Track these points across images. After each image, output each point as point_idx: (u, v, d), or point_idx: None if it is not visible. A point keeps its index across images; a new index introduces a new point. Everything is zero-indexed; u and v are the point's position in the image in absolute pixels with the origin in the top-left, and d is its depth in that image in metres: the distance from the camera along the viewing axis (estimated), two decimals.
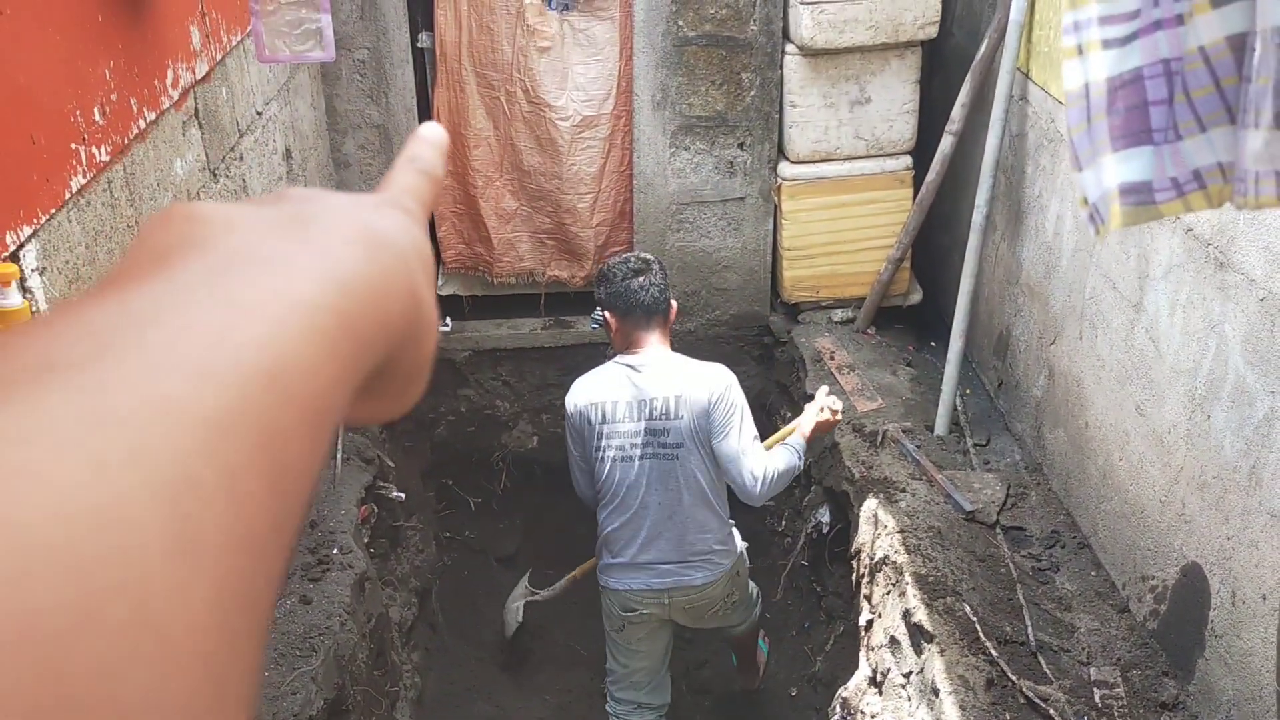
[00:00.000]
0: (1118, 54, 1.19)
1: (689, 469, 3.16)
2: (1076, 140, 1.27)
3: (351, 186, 4.01)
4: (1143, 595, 2.82)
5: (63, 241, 1.85)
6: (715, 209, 4.20)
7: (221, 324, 0.28)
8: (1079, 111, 1.25)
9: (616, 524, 3.25)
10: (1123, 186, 1.23)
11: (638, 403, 3.17)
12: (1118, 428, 2.94)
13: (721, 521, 3.27)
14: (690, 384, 3.14)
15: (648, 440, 3.17)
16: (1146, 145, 1.20)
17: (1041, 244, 3.41)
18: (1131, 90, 1.19)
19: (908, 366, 4.10)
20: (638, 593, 3.27)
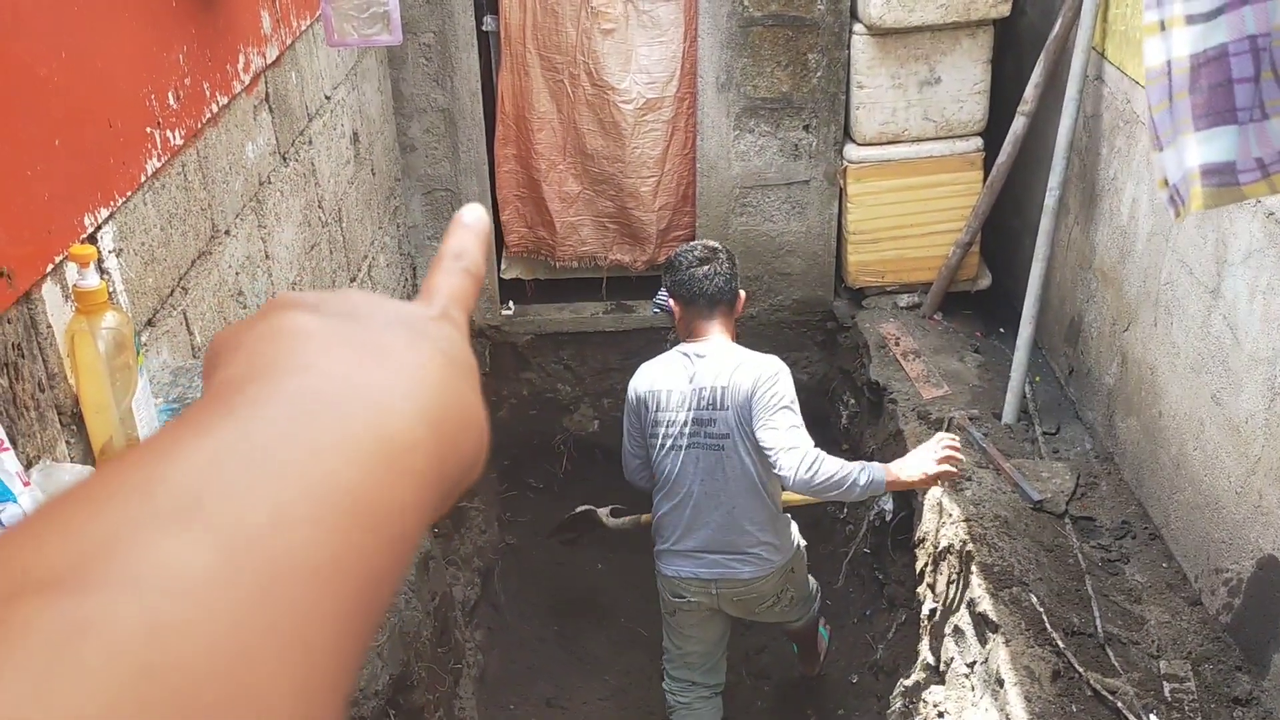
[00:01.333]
0: (1202, 30, 1.15)
1: (736, 459, 3.14)
2: (1157, 119, 1.23)
3: (417, 170, 4.04)
4: (1216, 588, 2.75)
5: (138, 224, 1.89)
6: (779, 192, 4.17)
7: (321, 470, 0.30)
8: (1160, 89, 1.21)
9: (666, 509, 3.27)
10: (1205, 167, 1.19)
11: (689, 392, 3.17)
12: (1193, 416, 2.86)
13: (772, 515, 3.21)
14: (737, 374, 3.10)
15: (695, 430, 3.17)
16: (1231, 124, 1.16)
17: (1116, 228, 3.33)
18: (1216, 67, 1.15)
19: (975, 353, 4.03)
20: (685, 580, 3.26)
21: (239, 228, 2.35)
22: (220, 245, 2.24)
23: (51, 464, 1.55)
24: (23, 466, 1.38)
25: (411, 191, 4.05)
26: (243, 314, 2.34)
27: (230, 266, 2.29)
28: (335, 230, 3.06)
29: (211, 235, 2.21)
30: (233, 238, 2.31)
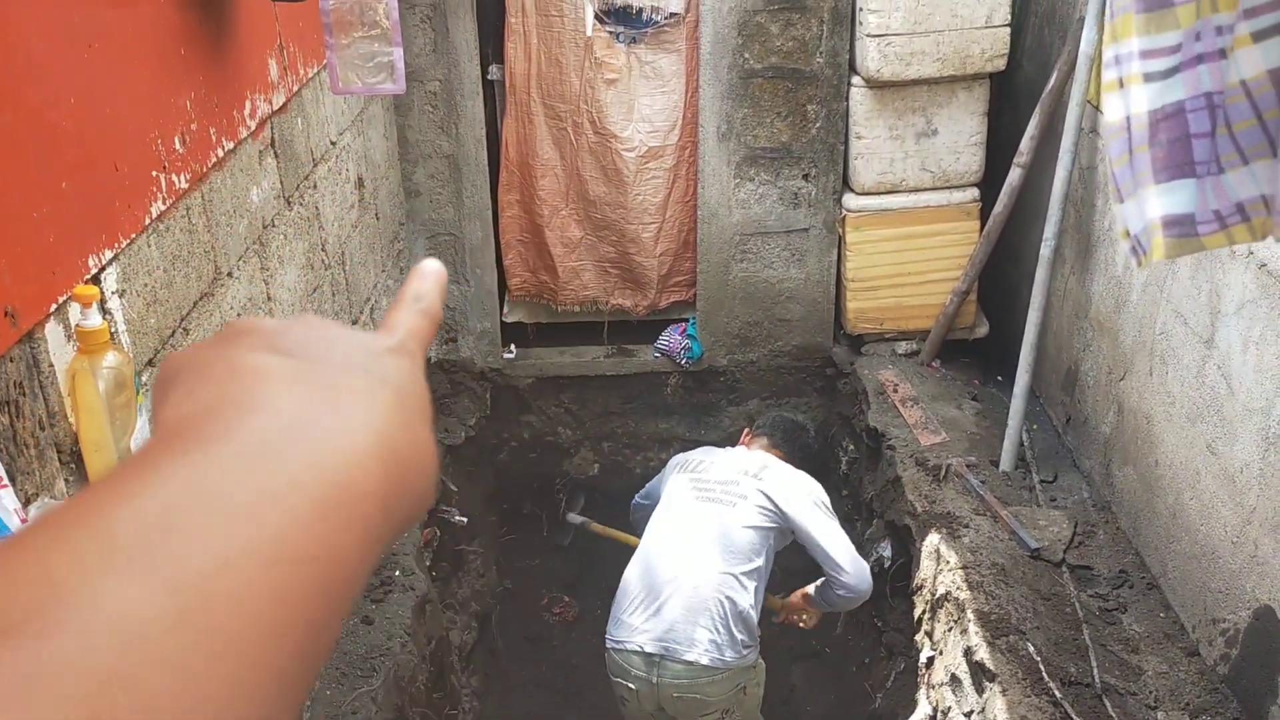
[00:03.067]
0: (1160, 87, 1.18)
1: (738, 521, 3.22)
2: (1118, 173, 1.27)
3: (421, 214, 4.09)
4: (1213, 638, 2.74)
5: (142, 265, 1.92)
6: (779, 240, 4.21)
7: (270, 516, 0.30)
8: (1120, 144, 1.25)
9: (636, 565, 3.26)
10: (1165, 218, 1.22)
11: (727, 462, 3.46)
12: (1188, 466, 2.87)
13: (742, 612, 3.11)
14: (785, 468, 3.44)
15: (715, 486, 3.35)
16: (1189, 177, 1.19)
17: (1111, 278, 3.36)
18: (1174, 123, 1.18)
19: (973, 400, 4.05)
20: (629, 655, 3.12)
21: (242, 270, 2.38)
22: (222, 287, 2.28)
23: (50, 501, 1.57)
24: (20, 504, 1.40)
25: (415, 235, 4.10)
26: None
27: (232, 308, 2.32)
28: (338, 273, 3.10)
29: (214, 277, 2.24)
30: (235, 279, 2.34)
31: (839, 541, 3.24)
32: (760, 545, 3.21)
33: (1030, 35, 4.05)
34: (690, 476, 3.43)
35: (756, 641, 3.21)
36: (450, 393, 4.27)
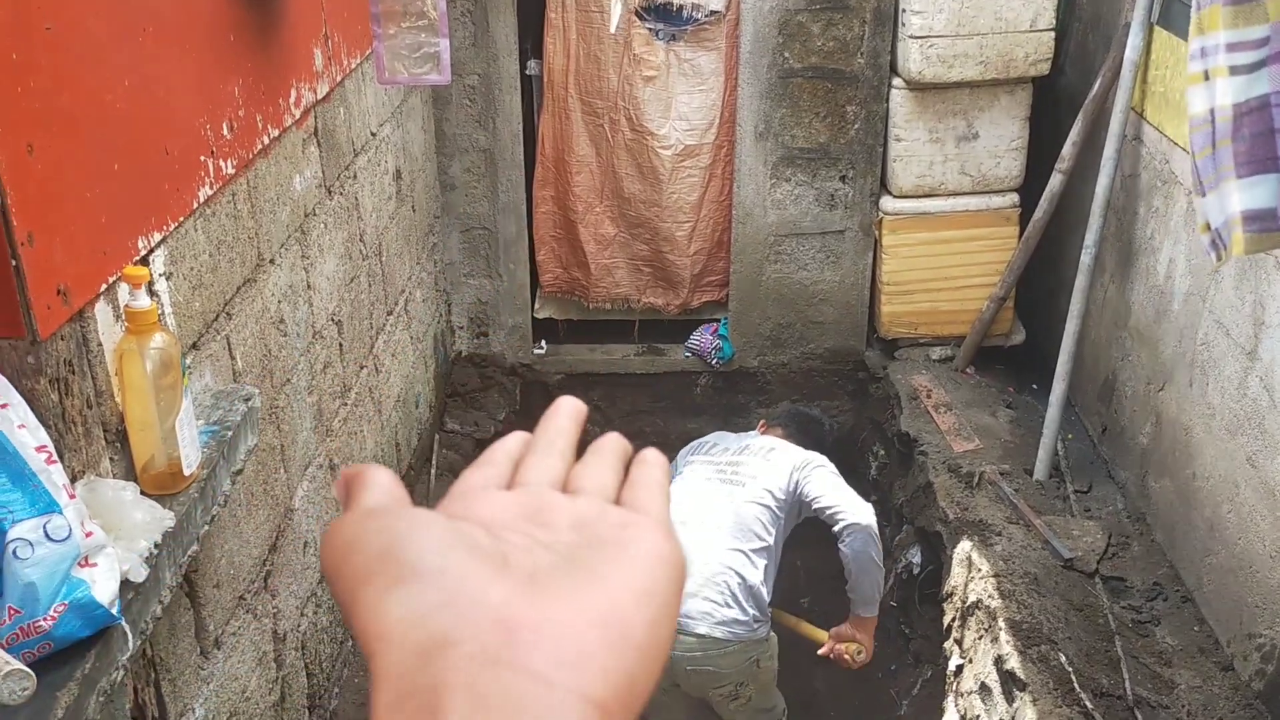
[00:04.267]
0: (1245, 80, 1.16)
1: (747, 499, 3.24)
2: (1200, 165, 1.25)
3: (456, 208, 4.10)
4: (1249, 654, 2.70)
5: (189, 249, 1.93)
6: (814, 241, 4.19)
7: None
8: (1203, 136, 1.23)
9: None
10: (1246, 213, 1.20)
11: (735, 445, 3.49)
12: (1227, 479, 2.83)
13: (752, 587, 3.14)
14: (791, 447, 3.43)
15: (724, 467, 3.38)
16: (1272, 172, 1.17)
17: (1152, 287, 3.32)
18: (1258, 117, 1.16)
19: (1007, 408, 4.02)
20: None
21: (283, 257, 2.39)
22: (265, 273, 2.29)
23: (95, 479, 1.58)
24: (69, 480, 1.41)
25: (450, 229, 4.11)
26: (283, 341, 2.38)
27: (273, 294, 2.33)
28: (375, 264, 3.11)
29: (257, 263, 2.25)
30: (277, 266, 2.35)
31: (839, 486, 3.24)
32: (770, 523, 3.21)
33: (1074, 40, 4.01)
34: (703, 458, 3.47)
35: (767, 617, 3.23)
36: (480, 386, 4.28)
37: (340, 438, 2.80)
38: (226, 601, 2.07)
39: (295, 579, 2.46)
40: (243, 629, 2.16)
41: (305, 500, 2.52)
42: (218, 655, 2.04)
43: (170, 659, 1.85)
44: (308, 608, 2.54)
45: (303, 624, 2.51)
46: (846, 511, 3.13)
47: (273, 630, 2.32)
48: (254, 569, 2.21)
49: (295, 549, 2.46)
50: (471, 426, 4.11)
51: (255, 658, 2.22)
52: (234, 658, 2.11)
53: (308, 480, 2.55)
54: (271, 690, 2.31)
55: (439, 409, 4.00)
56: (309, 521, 2.55)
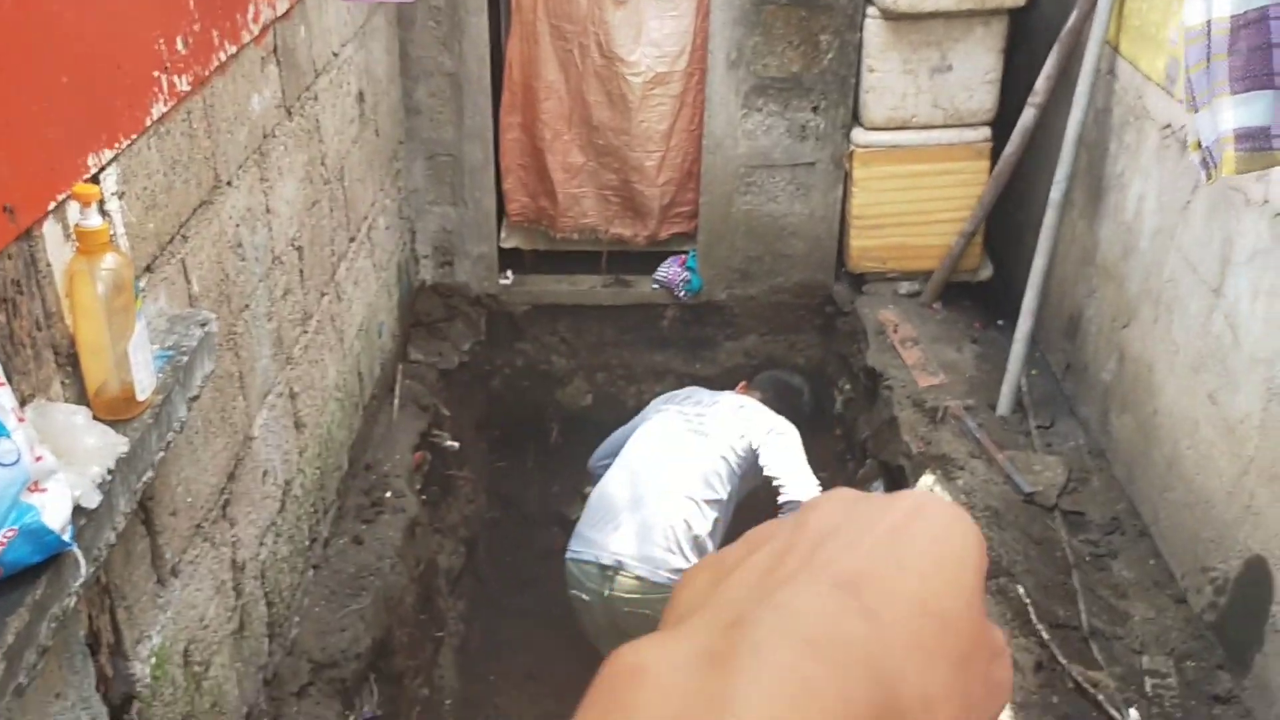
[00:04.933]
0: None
1: (708, 452, 3.29)
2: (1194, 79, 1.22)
3: (421, 133, 4.00)
4: (1202, 587, 2.76)
5: (142, 168, 1.87)
6: (784, 173, 4.15)
7: None
8: (1199, 49, 1.19)
9: (611, 472, 3.37)
10: (1239, 131, 1.18)
11: (705, 399, 3.54)
12: (1188, 416, 2.86)
13: (695, 534, 3.20)
14: (760, 409, 3.48)
15: (691, 418, 3.43)
16: (1268, 89, 1.15)
17: (1120, 224, 3.32)
18: (1256, 30, 1.13)
19: (973, 344, 4.03)
20: (585, 566, 3.23)
21: (241, 179, 2.32)
22: (222, 195, 2.22)
23: (46, 403, 1.53)
24: (18, 403, 1.36)
25: (414, 155, 4.02)
26: (241, 266, 2.32)
27: (231, 218, 2.26)
28: (337, 188, 3.03)
29: (214, 185, 2.18)
30: (234, 189, 2.28)
31: (794, 459, 3.33)
32: (728, 478, 3.28)
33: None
34: (673, 407, 3.52)
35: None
36: (445, 316, 4.23)
37: (301, 366, 2.75)
38: (184, 529, 2.05)
39: (254, 508, 2.43)
40: (200, 557, 2.13)
41: (265, 429, 2.49)
42: (175, 583, 2.01)
43: (126, 586, 1.82)
44: (267, 537, 2.52)
45: (262, 553, 2.48)
46: (792, 489, 3.25)
47: (231, 559, 2.29)
48: (212, 497, 2.18)
49: (254, 478, 2.43)
50: (435, 357, 4.07)
51: (213, 586, 2.20)
52: (191, 586, 2.08)
53: (267, 408, 2.50)
54: (230, 619, 2.29)
55: (402, 338, 3.95)
56: (268, 450, 2.52)
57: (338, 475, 3.13)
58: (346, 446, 3.22)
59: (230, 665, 2.31)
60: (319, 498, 2.94)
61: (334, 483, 3.09)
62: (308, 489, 2.83)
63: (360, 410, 3.37)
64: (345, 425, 3.19)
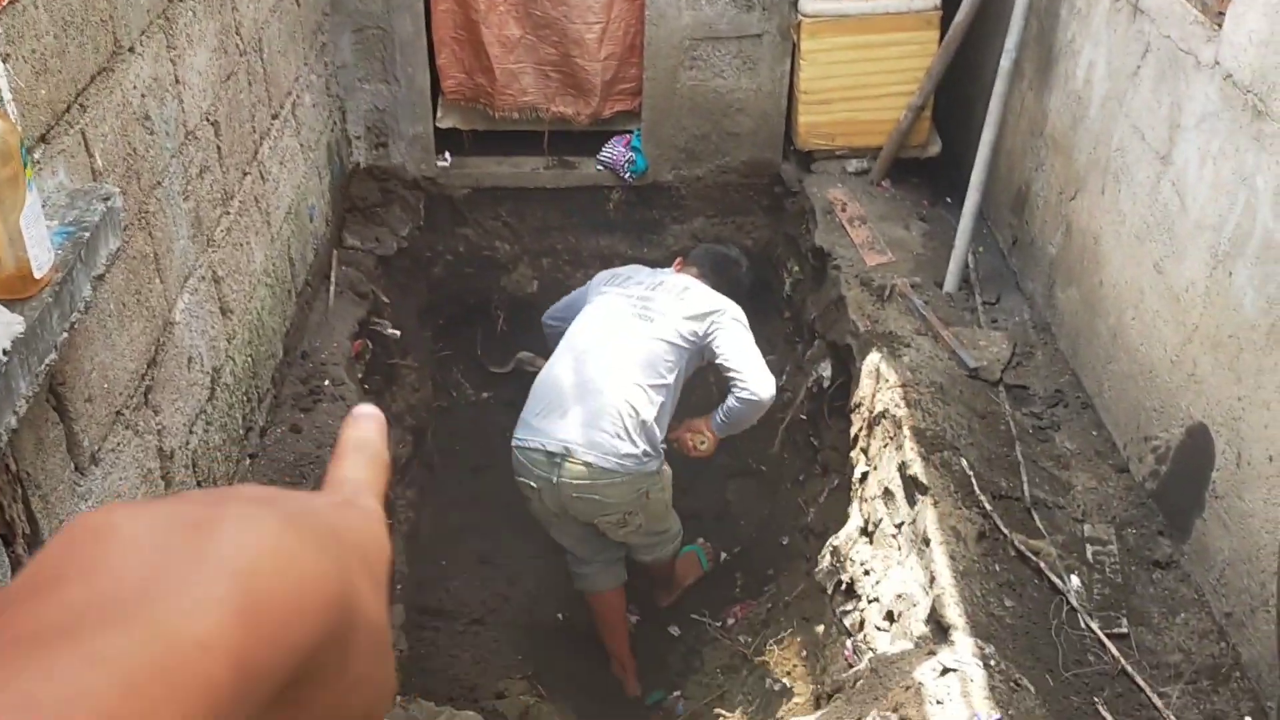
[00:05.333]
0: None
1: (654, 336, 3.25)
2: None
3: (346, 5, 3.79)
4: (1144, 455, 2.78)
5: (28, 27, 1.72)
6: (730, 46, 4.00)
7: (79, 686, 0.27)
8: None
9: (549, 369, 3.32)
10: None
11: (650, 280, 3.48)
12: (1133, 285, 2.84)
13: (645, 424, 3.17)
14: (707, 290, 3.44)
15: (636, 301, 3.36)
16: None
17: (1070, 93, 3.25)
18: None
19: (921, 221, 3.97)
20: (531, 453, 3.19)
21: (145, 46, 2.17)
22: (124, 63, 2.07)
23: None
24: None
25: (341, 28, 3.82)
26: (150, 140, 2.19)
27: (136, 87, 2.12)
28: (255, 60, 2.87)
29: (114, 50, 2.03)
30: (138, 56, 2.14)
31: (748, 349, 3.30)
32: (674, 363, 3.24)
33: None
34: (615, 289, 3.45)
35: (659, 453, 3.28)
36: (381, 201, 4.09)
37: (224, 249, 2.63)
38: (102, 416, 1.96)
39: (181, 395, 2.34)
40: (123, 445, 2.05)
41: (187, 314, 2.38)
42: (95, 472, 1.93)
43: (40, 475, 1.75)
44: (197, 425, 2.44)
45: (192, 441, 2.40)
46: (750, 383, 3.23)
47: (158, 447, 2.21)
48: (132, 383, 2.09)
49: (179, 364, 2.33)
50: (373, 243, 3.95)
51: (139, 474, 2.12)
52: (114, 474, 2.01)
53: (189, 293, 2.40)
54: None
55: (337, 223, 3.82)
56: (193, 336, 2.42)
57: (272, 363, 3.03)
58: (280, 334, 3.12)
59: None
60: (252, 386, 2.85)
61: (268, 371, 3.00)
62: (239, 377, 2.75)
63: (294, 297, 3.26)
64: (277, 312, 3.09)
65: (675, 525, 3.57)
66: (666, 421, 3.29)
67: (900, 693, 2.28)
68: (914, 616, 2.54)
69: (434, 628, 3.63)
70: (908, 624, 2.56)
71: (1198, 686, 2.30)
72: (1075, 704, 2.28)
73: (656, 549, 3.54)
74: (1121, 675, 2.33)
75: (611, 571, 3.52)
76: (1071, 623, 2.45)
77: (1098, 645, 2.39)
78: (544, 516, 3.36)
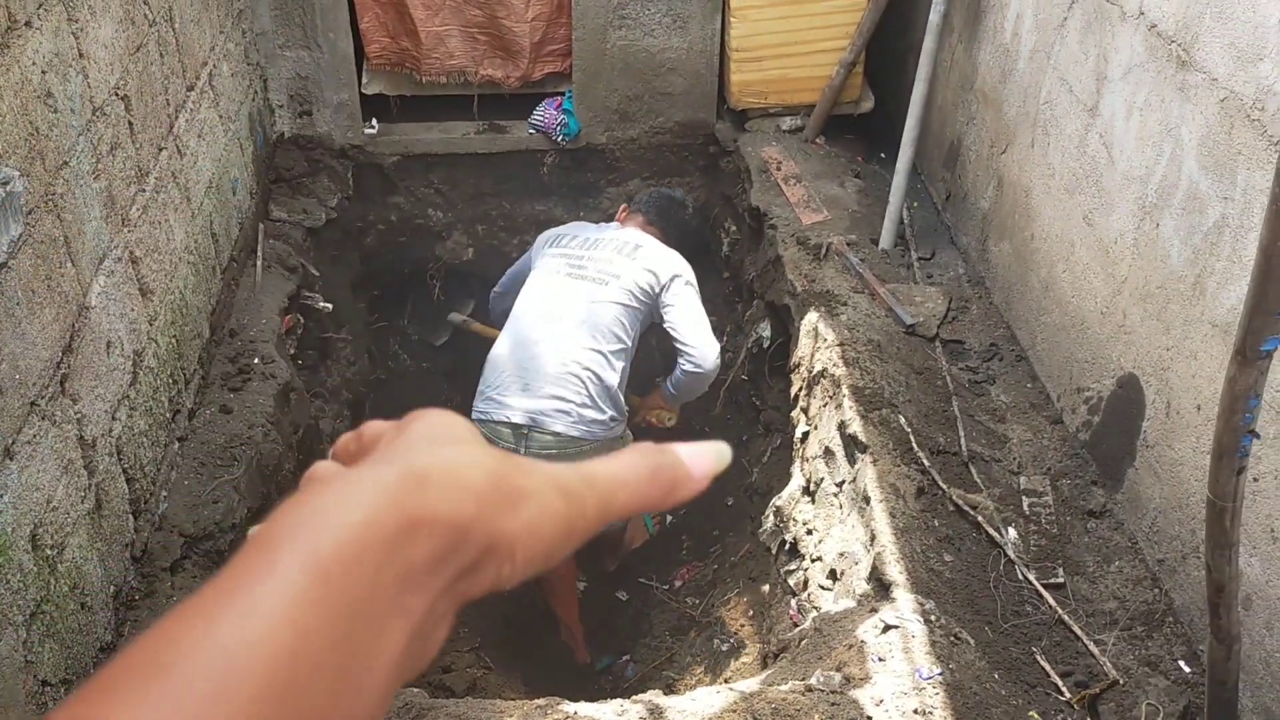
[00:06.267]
0: None
1: (608, 299, 3.18)
2: None
3: None
4: (1076, 407, 2.81)
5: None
6: (660, 4, 3.95)
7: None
8: None
9: (510, 331, 3.24)
10: None
11: (597, 238, 3.36)
12: (1064, 238, 2.86)
13: (608, 388, 3.13)
14: (657, 246, 3.35)
15: (587, 263, 3.27)
16: None
17: (999, 46, 3.24)
18: None
19: (856, 178, 3.97)
20: (495, 426, 3.14)
21: (44, 20, 2.08)
22: (20, 38, 1.98)
23: None
24: None
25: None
26: (54, 119, 2.09)
27: (35, 63, 2.03)
28: (165, 30, 2.76)
29: (9, 26, 1.94)
30: (36, 30, 2.04)
31: (697, 318, 3.26)
32: (629, 325, 3.20)
33: None
34: (561, 252, 3.36)
35: (624, 416, 3.26)
36: (308, 171, 3.99)
37: (141, 228, 2.55)
38: (14, 409, 1.89)
39: (100, 382, 2.26)
40: (40, 436, 1.98)
41: (104, 297, 2.30)
42: (11, 466, 1.87)
43: None
44: (119, 411, 2.36)
45: (115, 428, 2.33)
46: (696, 352, 3.21)
47: (78, 436, 2.14)
48: (46, 372, 2.01)
49: (97, 350, 2.26)
50: (300, 214, 3.85)
51: (59, 466, 2.05)
52: (32, 467, 1.94)
53: (104, 275, 2.31)
54: (84, 498, 2.16)
55: (262, 196, 3.72)
56: (111, 320, 2.34)
57: (198, 344, 2.96)
58: (205, 313, 3.03)
59: (90, 545, 2.19)
60: (177, 368, 2.77)
61: (194, 352, 2.92)
62: (163, 359, 2.67)
63: (218, 274, 3.17)
64: (202, 290, 3.00)
65: None
66: (626, 382, 3.25)
67: (844, 651, 2.30)
68: (856, 575, 2.56)
69: None
70: (850, 582, 2.57)
71: (1132, 633, 2.34)
72: (1014, 654, 2.31)
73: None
74: (1059, 624, 2.37)
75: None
76: (1009, 575, 2.48)
77: (1035, 596, 2.43)
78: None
